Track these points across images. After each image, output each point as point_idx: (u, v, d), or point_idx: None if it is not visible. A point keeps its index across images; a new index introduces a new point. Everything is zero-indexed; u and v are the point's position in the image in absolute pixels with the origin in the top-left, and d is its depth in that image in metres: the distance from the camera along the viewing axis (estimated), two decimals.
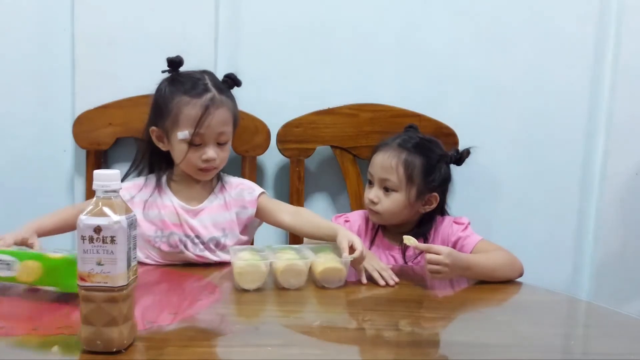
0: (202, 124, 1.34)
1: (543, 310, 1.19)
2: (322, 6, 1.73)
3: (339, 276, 1.24)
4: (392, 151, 1.47)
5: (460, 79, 1.77)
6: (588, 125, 1.81)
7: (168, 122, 1.37)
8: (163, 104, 1.38)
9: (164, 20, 1.68)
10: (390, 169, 1.46)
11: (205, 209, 1.42)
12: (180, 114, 1.35)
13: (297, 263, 1.22)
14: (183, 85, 1.38)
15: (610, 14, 1.76)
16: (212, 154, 1.37)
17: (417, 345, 1.00)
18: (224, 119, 1.38)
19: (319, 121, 1.70)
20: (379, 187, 1.48)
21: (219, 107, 1.37)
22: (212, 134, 1.37)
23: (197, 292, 1.17)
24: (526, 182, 1.83)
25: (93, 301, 0.86)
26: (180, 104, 1.36)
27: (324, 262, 1.25)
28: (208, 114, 1.34)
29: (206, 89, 1.37)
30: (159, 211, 1.39)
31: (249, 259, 1.22)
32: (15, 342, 0.92)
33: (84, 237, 0.85)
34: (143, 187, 1.42)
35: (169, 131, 1.38)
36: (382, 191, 1.47)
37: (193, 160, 1.37)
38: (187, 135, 1.35)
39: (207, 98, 1.36)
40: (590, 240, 1.85)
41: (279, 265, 1.22)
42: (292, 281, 1.22)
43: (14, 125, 1.72)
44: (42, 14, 1.69)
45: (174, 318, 1.03)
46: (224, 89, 1.42)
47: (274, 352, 0.93)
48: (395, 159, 1.46)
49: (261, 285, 1.20)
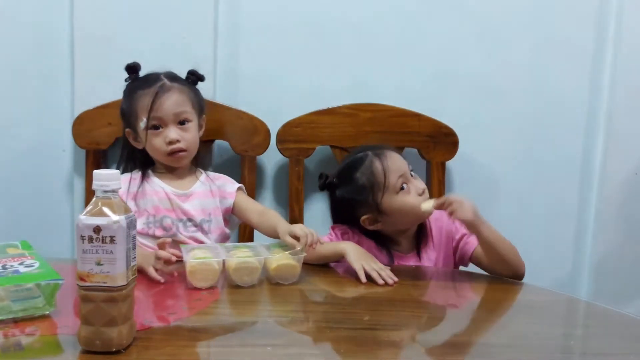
0: (154, 107, 1.42)
1: (543, 310, 1.19)
2: (322, 6, 1.73)
3: (293, 272, 1.24)
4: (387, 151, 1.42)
5: (460, 78, 1.77)
6: (587, 125, 1.82)
7: (132, 119, 1.46)
8: (125, 106, 1.48)
9: (163, 21, 1.68)
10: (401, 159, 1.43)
11: (194, 193, 1.50)
12: (137, 107, 1.44)
13: (250, 261, 1.22)
14: (138, 84, 1.47)
15: (610, 14, 1.76)
16: (174, 135, 1.44)
17: (418, 346, 1.00)
18: (177, 100, 1.45)
19: (319, 121, 1.70)
20: (412, 178, 1.41)
21: (170, 90, 1.45)
22: (169, 115, 1.44)
23: (197, 292, 1.17)
24: (526, 182, 1.83)
25: (92, 301, 0.86)
26: (136, 97, 1.45)
27: (277, 259, 1.24)
28: (158, 97, 1.43)
29: (157, 80, 1.46)
30: (150, 198, 1.46)
31: (201, 257, 1.22)
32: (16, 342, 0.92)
33: (83, 237, 0.85)
34: (131, 180, 1.48)
35: (135, 127, 1.47)
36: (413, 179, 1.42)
37: (158, 145, 1.45)
38: (145, 121, 1.43)
39: (157, 85, 1.45)
40: (589, 240, 1.85)
41: (231, 263, 1.22)
42: (246, 279, 1.22)
43: (13, 125, 1.72)
44: (41, 14, 1.69)
45: (173, 318, 1.03)
46: (178, 79, 1.50)
47: (273, 352, 0.93)
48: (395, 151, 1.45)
49: (214, 283, 1.20)
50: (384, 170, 1.37)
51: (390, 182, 1.37)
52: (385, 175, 1.37)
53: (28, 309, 0.99)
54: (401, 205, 1.38)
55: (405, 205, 1.37)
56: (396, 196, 1.38)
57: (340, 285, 1.26)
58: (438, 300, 1.27)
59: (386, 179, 1.37)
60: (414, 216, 1.40)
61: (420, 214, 1.38)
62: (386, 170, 1.37)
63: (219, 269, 1.21)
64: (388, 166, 1.38)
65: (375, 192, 1.38)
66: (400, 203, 1.37)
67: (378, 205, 1.38)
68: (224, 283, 1.23)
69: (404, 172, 1.39)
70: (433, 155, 1.72)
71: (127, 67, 1.50)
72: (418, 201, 1.37)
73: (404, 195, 1.38)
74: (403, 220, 1.41)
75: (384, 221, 1.41)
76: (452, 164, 1.77)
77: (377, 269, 1.28)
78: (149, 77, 1.48)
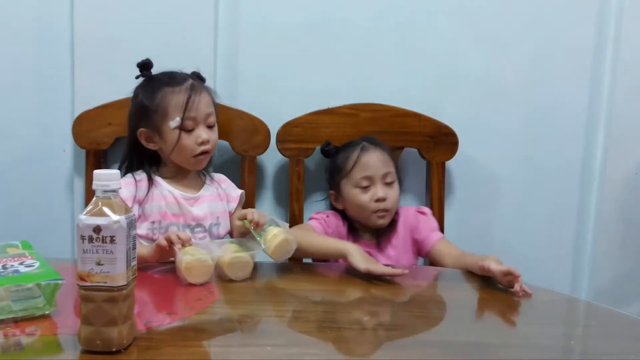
0: (190, 106, 1.41)
1: (543, 310, 1.19)
2: (322, 6, 1.73)
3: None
4: (373, 148, 1.54)
5: (460, 79, 1.77)
6: (587, 125, 1.82)
7: (157, 117, 1.43)
8: (148, 103, 1.44)
9: (163, 20, 1.68)
10: (387, 161, 1.53)
11: (203, 197, 1.49)
12: (168, 104, 1.41)
13: (243, 256, 1.26)
14: (162, 80, 1.45)
15: (610, 14, 1.76)
16: (206, 135, 1.44)
17: (418, 346, 1.00)
18: (207, 100, 1.46)
19: (319, 121, 1.70)
20: (381, 185, 1.51)
21: (201, 91, 1.44)
22: (202, 116, 1.43)
23: (197, 292, 1.17)
24: (525, 182, 1.83)
25: (92, 301, 0.86)
26: (165, 95, 1.42)
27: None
28: (195, 96, 1.42)
29: (184, 78, 1.45)
30: (157, 203, 1.44)
31: (194, 253, 1.23)
32: (16, 342, 0.92)
33: (84, 237, 0.85)
34: (136, 183, 1.45)
35: (159, 126, 1.43)
36: (384, 187, 1.51)
37: (188, 145, 1.43)
38: (179, 121, 1.41)
39: (189, 84, 1.43)
40: (589, 240, 1.85)
41: (225, 259, 1.24)
42: (240, 273, 1.25)
43: (13, 125, 1.72)
44: (41, 14, 1.69)
45: (173, 318, 1.03)
46: (198, 79, 1.50)
47: (273, 352, 0.93)
48: (381, 152, 1.53)
49: (208, 279, 1.22)
50: (355, 162, 1.52)
51: (353, 175, 1.52)
52: (353, 167, 1.52)
53: (28, 308, 1.00)
54: (352, 198, 1.53)
55: (353, 200, 1.52)
56: (352, 189, 1.52)
57: (341, 285, 1.26)
58: (438, 300, 1.27)
59: (351, 170, 1.52)
60: (360, 213, 1.53)
61: (367, 219, 1.52)
62: (356, 164, 1.52)
63: (213, 265, 1.23)
64: (361, 161, 1.52)
65: (340, 174, 1.55)
66: (352, 196, 1.53)
67: (338, 186, 1.55)
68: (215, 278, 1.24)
69: (372, 174, 1.51)
70: (433, 155, 1.72)
71: (140, 65, 1.47)
72: (365, 201, 1.50)
73: (358, 192, 1.51)
74: (354, 212, 1.55)
75: (343, 204, 1.56)
76: (452, 164, 1.77)
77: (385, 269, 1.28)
78: (173, 74, 1.46)
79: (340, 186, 1.55)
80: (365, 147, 1.54)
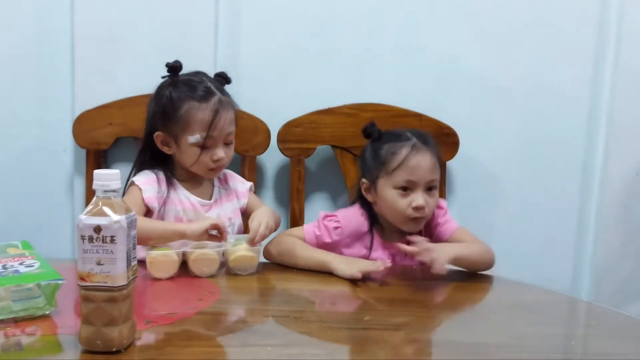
0: (214, 127, 1.38)
1: (543, 310, 1.19)
2: (322, 6, 1.73)
3: (251, 263, 1.28)
4: (425, 150, 1.40)
5: (461, 78, 1.77)
6: (588, 125, 1.81)
7: (177, 127, 1.40)
8: (170, 110, 1.40)
9: (164, 20, 1.67)
10: (435, 167, 1.40)
11: (216, 201, 1.48)
12: (192, 119, 1.38)
13: (209, 252, 1.25)
14: (188, 90, 1.40)
15: (611, 14, 1.76)
16: (222, 154, 1.42)
17: (417, 345, 1.00)
18: (231, 119, 1.43)
19: (319, 121, 1.70)
20: (423, 191, 1.38)
21: (227, 109, 1.41)
22: (222, 136, 1.41)
23: (197, 292, 1.17)
24: (526, 182, 1.83)
25: (93, 301, 0.86)
26: (190, 109, 1.39)
27: (236, 251, 1.28)
28: (219, 117, 1.39)
29: (211, 92, 1.41)
30: (174, 207, 1.43)
31: (160, 248, 1.24)
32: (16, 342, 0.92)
33: (84, 237, 0.85)
34: (158, 181, 1.44)
35: (178, 136, 1.41)
36: (426, 193, 1.39)
37: (204, 161, 1.41)
38: (199, 139, 1.38)
39: (215, 101, 1.40)
40: (590, 240, 1.85)
41: (190, 255, 1.25)
42: (205, 270, 1.25)
43: (13, 125, 1.72)
44: (41, 13, 1.69)
45: (174, 318, 1.03)
46: (223, 89, 1.45)
47: (273, 352, 0.93)
48: (431, 156, 1.40)
49: (174, 274, 1.23)
50: (401, 162, 1.37)
51: (395, 175, 1.38)
52: (398, 167, 1.37)
53: (29, 308, 0.99)
54: (388, 198, 1.39)
55: (388, 200, 1.39)
56: (391, 189, 1.38)
57: (341, 285, 1.25)
58: (438, 300, 1.27)
59: (395, 170, 1.38)
60: (393, 216, 1.41)
61: (400, 223, 1.40)
62: (402, 164, 1.37)
63: (178, 260, 1.24)
64: (407, 163, 1.37)
65: (381, 169, 1.40)
66: (388, 196, 1.39)
67: (375, 180, 1.41)
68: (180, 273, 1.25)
69: (416, 180, 1.37)
70: None
71: (169, 67, 1.42)
72: (402, 207, 1.37)
73: (396, 194, 1.38)
74: (386, 211, 1.42)
75: (375, 198, 1.43)
76: (453, 164, 1.77)
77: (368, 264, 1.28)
78: (199, 86, 1.41)
79: (376, 180, 1.41)
80: (416, 146, 1.39)
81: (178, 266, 1.24)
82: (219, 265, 1.27)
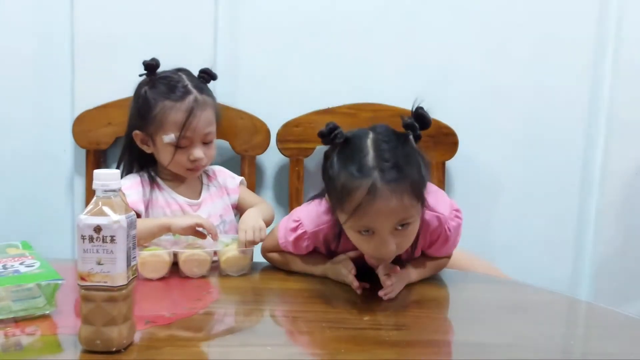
0: (187, 127, 1.37)
1: (543, 310, 1.19)
2: (322, 6, 1.73)
3: (242, 264, 1.27)
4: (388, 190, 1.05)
5: (460, 78, 1.77)
6: (588, 125, 1.81)
7: (153, 126, 1.40)
8: (145, 109, 1.41)
9: (163, 20, 1.68)
10: (402, 207, 1.07)
11: (205, 200, 1.47)
12: (165, 119, 1.38)
13: (199, 253, 1.25)
14: (164, 89, 1.40)
15: (610, 13, 1.76)
16: (200, 154, 1.40)
17: (417, 345, 1.00)
18: (208, 119, 1.42)
19: (319, 120, 1.70)
20: (390, 234, 1.09)
21: (203, 109, 1.40)
22: (198, 136, 1.40)
23: (196, 292, 1.17)
24: (526, 182, 1.82)
25: (92, 301, 0.86)
26: (164, 109, 1.38)
27: (227, 251, 1.27)
28: (193, 116, 1.38)
29: (187, 91, 1.40)
30: (162, 209, 1.42)
31: (151, 248, 1.24)
32: (16, 342, 0.92)
33: (84, 237, 0.85)
34: (142, 183, 1.44)
35: (153, 135, 1.41)
36: (395, 233, 1.09)
37: (181, 161, 1.41)
38: (173, 138, 1.38)
39: (190, 100, 1.39)
40: (590, 240, 1.85)
41: (181, 255, 1.25)
42: (195, 270, 1.25)
43: (13, 125, 1.72)
44: (41, 14, 1.69)
45: (173, 318, 1.03)
46: (203, 88, 1.45)
47: (273, 351, 0.93)
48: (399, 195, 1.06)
49: (165, 274, 1.23)
50: (357, 206, 1.05)
51: (353, 220, 1.09)
52: (354, 212, 1.07)
53: (28, 308, 1.00)
54: (351, 237, 1.14)
55: (353, 240, 1.15)
56: (352, 232, 1.12)
57: (341, 285, 1.25)
58: (438, 300, 1.27)
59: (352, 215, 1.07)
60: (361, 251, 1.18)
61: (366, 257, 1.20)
62: (358, 209, 1.06)
63: (169, 261, 1.24)
64: (366, 209, 1.05)
65: (339, 205, 1.11)
66: (351, 236, 1.14)
67: (334, 208, 1.15)
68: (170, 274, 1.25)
69: (378, 227, 1.08)
70: (433, 155, 1.72)
71: (146, 65, 1.43)
72: (368, 250, 1.13)
73: (359, 237, 1.11)
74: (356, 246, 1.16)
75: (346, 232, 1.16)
76: (452, 164, 1.77)
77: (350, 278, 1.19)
78: (176, 85, 1.40)
79: (336, 212, 1.15)
80: (375, 188, 1.04)
81: (169, 266, 1.24)
82: (209, 266, 1.26)
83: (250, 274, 1.28)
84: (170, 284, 1.22)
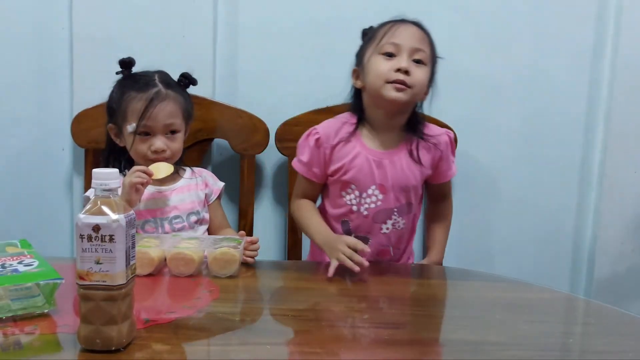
0: (145, 115, 1.41)
1: (542, 308, 1.19)
2: (321, 5, 1.73)
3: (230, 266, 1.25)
4: (412, 24, 1.40)
5: (460, 78, 1.77)
6: (587, 124, 1.82)
7: (119, 118, 1.45)
8: (114, 102, 1.46)
9: (162, 20, 1.68)
10: (423, 39, 1.38)
11: (179, 187, 1.50)
12: (127, 109, 1.43)
13: (186, 252, 1.25)
14: (131, 83, 1.45)
15: (609, 13, 1.76)
16: (160, 144, 1.43)
17: (417, 345, 1.00)
18: (170, 111, 1.44)
19: (318, 120, 1.69)
20: (408, 57, 1.35)
21: (164, 100, 1.43)
22: (159, 126, 1.43)
23: (196, 291, 1.17)
24: (525, 181, 1.83)
25: (92, 300, 0.86)
26: (128, 99, 1.43)
27: (216, 251, 1.27)
28: (152, 105, 1.41)
29: (152, 85, 1.44)
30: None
31: (140, 245, 1.24)
32: (15, 341, 0.92)
33: (83, 236, 0.85)
34: None
35: (120, 126, 1.46)
36: (412, 63, 1.35)
37: (142, 151, 1.44)
38: (135, 127, 1.42)
39: (152, 92, 1.43)
40: (588, 238, 1.86)
41: (168, 254, 1.25)
42: (182, 269, 1.24)
43: (12, 124, 1.73)
44: (40, 13, 1.69)
45: (173, 317, 1.03)
46: (173, 85, 1.47)
47: (273, 350, 0.93)
48: (423, 31, 1.39)
49: (151, 271, 1.22)
50: (385, 32, 1.37)
51: (381, 41, 1.37)
52: (383, 35, 1.37)
53: (28, 307, 0.99)
54: (371, 64, 1.38)
55: (371, 67, 1.37)
56: (376, 56, 1.37)
57: (340, 284, 1.26)
58: (438, 299, 1.27)
59: (382, 39, 1.37)
60: (374, 88, 1.37)
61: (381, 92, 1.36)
62: (387, 32, 1.37)
63: (155, 257, 1.23)
64: (392, 31, 1.37)
65: (368, 42, 1.41)
66: (372, 62, 1.37)
67: (363, 55, 1.42)
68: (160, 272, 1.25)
69: (400, 42, 1.35)
70: None
71: (121, 62, 1.48)
72: (384, 70, 1.35)
73: (381, 59, 1.36)
74: (371, 85, 1.39)
75: (363, 81, 1.41)
76: None
77: (349, 255, 1.26)
78: (144, 78, 1.46)
79: (364, 59, 1.41)
80: (403, 20, 1.40)
81: (155, 264, 1.23)
82: (197, 265, 1.25)
83: (238, 276, 1.26)
84: (169, 283, 1.22)
